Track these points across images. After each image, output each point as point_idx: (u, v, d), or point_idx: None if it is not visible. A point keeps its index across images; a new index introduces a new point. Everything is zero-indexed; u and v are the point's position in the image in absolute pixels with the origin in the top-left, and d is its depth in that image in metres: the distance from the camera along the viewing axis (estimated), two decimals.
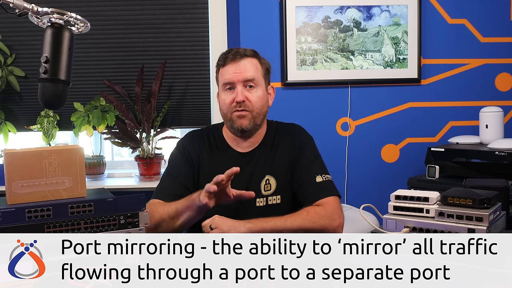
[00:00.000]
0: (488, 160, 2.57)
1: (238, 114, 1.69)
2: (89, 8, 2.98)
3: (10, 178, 1.28)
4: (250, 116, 1.70)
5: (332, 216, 1.61)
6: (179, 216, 1.55)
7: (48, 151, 1.32)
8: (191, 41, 3.06)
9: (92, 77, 3.04)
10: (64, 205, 1.28)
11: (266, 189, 1.75)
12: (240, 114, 1.69)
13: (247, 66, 1.70)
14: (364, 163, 3.05)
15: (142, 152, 2.94)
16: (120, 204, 1.33)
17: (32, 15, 1.29)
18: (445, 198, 1.24)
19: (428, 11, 3.02)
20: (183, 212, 1.54)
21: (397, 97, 3.05)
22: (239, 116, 1.69)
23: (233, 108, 1.70)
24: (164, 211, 1.57)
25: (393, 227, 1.27)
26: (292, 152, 1.77)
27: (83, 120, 2.90)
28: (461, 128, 3.07)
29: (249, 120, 1.70)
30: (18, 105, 3.04)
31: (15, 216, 1.24)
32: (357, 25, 2.98)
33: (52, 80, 1.27)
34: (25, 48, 3.00)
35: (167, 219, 1.56)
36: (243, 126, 1.70)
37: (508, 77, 3.10)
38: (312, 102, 3.01)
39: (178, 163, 1.76)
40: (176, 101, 3.09)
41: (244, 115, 1.69)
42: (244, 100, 1.68)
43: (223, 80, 1.72)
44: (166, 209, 1.57)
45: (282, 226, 1.57)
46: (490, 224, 1.17)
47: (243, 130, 1.71)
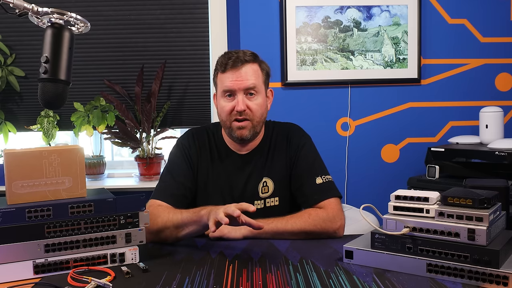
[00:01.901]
0: (488, 160, 2.57)
1: (238, 125, 1.67)
2: (89, 8, 2.98)
3: (10, 178, 1.28)
4: (250, 125, 1.68)
5: (333, 219, 1.60)
6: (184, 227, 1.51)
7: (48, 151, 1.32)
8: (191, 41, 3.06)
9: (92, 77, 3.04)
10: (64, 205, 1.28)
11: (264, 191, 1.74)
12: (240, 125, 1.67)
13: (248, 73, 1.67)
14: (364, 163, 3.05)
15: (142, 152, 2.94)
16: (120, 204, 1.33)
17: (32, 15, 1.29)
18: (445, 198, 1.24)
19: (428, 11, 3.02)
20: (189, 224, 1.51)
21: (397, 97, 3.06)
22: (239, 127, 1.67)
23: (232, 117, 1.68)
24: (169, 219, 1.53)
25: (393, 227, 1.27)
26: (289, 153, 1.76)
27: (83, 120, 2.90)
28: (461, 128, 3.07)
29: (249, 130, 1.68)
30: (18, 105, 3.04)
31: (15, 216, 1.24)
32: (357, 25, 2.98)
33: (52, 80, 1.27)
34: (25, 48, 3.00)
35: (171, 227, 1.53)
36: (243, 136, 1.68)
37: (508, 77, 3.10)
38: (312, 102, 3.01)
39: (178, 162, 1.75)
40: (176, 101, 3.09)
41: (245, 126, 1.67)
42: (245, 109, 1.66)
43: (223, 86, 1.69)
44: (171, 218, 1.53)
45: (283, 228, 1.57)
46: (490, 224, 1.17)
47: (243, 139, 1.70)
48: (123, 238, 1.33)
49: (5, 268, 1.22)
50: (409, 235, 1.25)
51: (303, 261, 1.35)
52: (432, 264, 1.21)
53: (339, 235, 1.61)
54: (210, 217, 1.39)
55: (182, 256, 1.42)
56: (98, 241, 1.31)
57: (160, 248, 1.49)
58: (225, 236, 1.56)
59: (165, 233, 1.54)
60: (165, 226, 1.53)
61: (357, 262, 1.31)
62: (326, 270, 1.28)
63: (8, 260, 1.22)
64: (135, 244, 1.35)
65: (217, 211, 1.37)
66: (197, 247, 1.51)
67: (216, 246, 1.51)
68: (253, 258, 1.38)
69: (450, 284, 1.17)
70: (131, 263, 1.34)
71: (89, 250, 1.30)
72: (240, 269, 1.29)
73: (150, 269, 1.29)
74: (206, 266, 1.32)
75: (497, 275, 1.13)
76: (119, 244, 1.33)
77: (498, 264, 1.13)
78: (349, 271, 1.27)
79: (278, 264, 1.33)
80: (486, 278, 1.14)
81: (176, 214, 1.54)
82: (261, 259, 1.37)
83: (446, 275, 1.19)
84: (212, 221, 1.37)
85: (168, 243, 1.54)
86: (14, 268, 1.23)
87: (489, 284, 1.13)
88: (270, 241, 1.54)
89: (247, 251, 1.45)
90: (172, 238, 1.54)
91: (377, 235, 1.29)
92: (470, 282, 1.16)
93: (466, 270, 1.16)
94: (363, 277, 1.22)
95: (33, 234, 1.25)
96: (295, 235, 1.57)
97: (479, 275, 1.15)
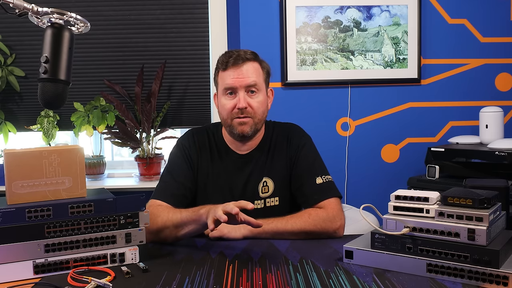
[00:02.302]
0: (488, 160, 2.57)
1: (239, 121, 1.68)
2: (89, 8, 2.98)
3: (10, 178, 1.28)
4: (251, 122, 1.69)
5: (333, 219, 1.60)
6: (183, 226, 1.52)
7: (48, 151, 1.32)
8: (191, 41, 3.06)
9: (92, 77, 3.04)
10: (64, 205, 1.28)
11: (264, 191, 1.75)
12: (241, 121, 1.67)
13: (249, 71, 1.68)
14: (364, 163, 3.05)
15: (142, 152, 2.94)
16: (120, 204, 1.33)
17: (32, 15, 1.29)
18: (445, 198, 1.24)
19: (428, 11, 3.02)
20: (188, 223, 1.51)
21: (397, 97, 3.05)
22: (240, 123, 1.68)
23: (234, 115, 1.68)
24: (169, 219, 1.53)
25: (393, 227, 1.27)
26: (289, 153, 1.77)
27: (83, 120, 2.90)
28: (461, 128, 3.07)
29: (250, 127, 1.69)
30: (18, 105, 3.04)
31: (15, 216, 1.24)
32: (357, 25, 2.98)
33: (52, 80, 1.27)
34: (25, 48, 3.00)
35: (170, 227, 1.53)
36: (244, 132, 1.69)
37: (508, 77, 3.10)
38: (312, 102, 3.01)
39: (178, 162, 1.75)
40: (176, 101, 3.09)
41: (246, 122, 1.68)
42: (246, 107, 1.67)
43: (224, 84, 1.69)
44: (170, 217, 1.53)
45: (283, 228, 1.57)
46: (490, 224, 1.17)
47: (244, 136, 1.71)
48: (123, 238, 1.33)
49: (5, 268, 1.22)
50: (409, 235, 1.25)
51: (303, 261, 1.35)
52: (432, 264, 1.21)
53: (339, 235, 1.61)
54: (209, 215, 1.39)
55: (182, 256, 1.42)
56: (98, 241, 1.31)
57: (160, 248, 1.49)
58: (225, 236, 1.56)
59: (164, 233, 1.54)
60: (165, 225, 1.53)
61: (357, 262, 1.31)
62: (326, 270, 1.28)
63: (8, 260, 1.22)
64: (135, 244, 1.35)
65: (215, 210, 1.37)
66: (197, 247, 1.51)
67: (216, 246, 1.51)
68: (253, 258, 1.38)
69: (450, 284, 1.17)
70: (131, 263, 1.34)
71: (89, 250, 1.30)
72: (240, 269, 1.29)
73: (150, 269, 1.29)
74: (206, 266, 1.32)
75: (497, 275, 1.13)
76: (119, 244, 1.33)
77: (498, 264, 1.13)
78: (349, 271, 1.27)
79: (278, 264, 1.33)
80: (486, 278, 1.14)
81: (175, 213, 1.54)
82: (261, 259, 1.37)
83: (446, 275, 1.19)
84: (211, 219, 1.37)
85: (168, 243, 1.54)
86: (14, 268, 1.23)
87: (489, 284, 1.13)
88: (270, 241, 1.54)
89: (247, 251, 1.45)
90: (172, 237, 1.54)
91: (377, 235, 1.29)
92: (470, 282, 1.16)
93: (466, 270, 1.16)
94: (363, 277, 1.22)
95: (33, 234, 1.25)
96: (295, 235, 1.57)
97: (479, 275, 1.15)
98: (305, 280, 1.21)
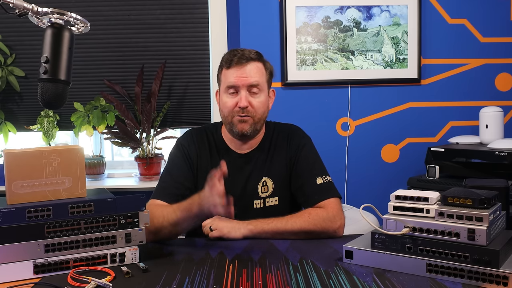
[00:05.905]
0: (488, 160, 2.57)
1: (240, 119, 1.68)
2: (89, 8, 2.98)
3: (10, 178, 1.28)
4: (252, 121, 1.69)
5: (333, 219, 1.61)
6: (179, 223, 1.53)
7: (48, 151, 1.32)
8: (191, 41, 3.06)
9: (92, 77, 3.04)
10: (64, 205, 1.28)
11: (264, 191, 1.75)
12: (242, 119, 1.68)
13: (252, 70, 1.68)
14: (364, 163, 3.05)
15: (142, 152, 2.94)
16: (120, 204, 1.33)
17: (32, 15, 1.29)
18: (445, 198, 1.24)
19: (428, 11, 3.02)
20: (183, 221, 1.52)
21: (397, 97, 3.06)
22: (240, 121, 1.68)
23: (235, 113, 1.69)
24: (164, 219, 1.54)
25: (393, 227, 1.27)
26: (289, 154, 1.77)
27: (83, 120, 2.90)
28: (461, 128, 3.07)
29: (250, 125, 1.69)
30: (18, 105, 3.04)
31: (15, 216, 1.24)
32: (357, 25, 2.98)
33: (52, 80, 1.27)
34: (25, 48, 3.00)
35: (167, 226, 1.53)
36: (244, 131, 1.69)
37: (508, 77, 3.10)
38: (312, 102, 3.01)
39: (178, 162, 1.75)
40: (176, 101, 3.09)
41: (246, 120, 1.68)
42: (247, 106, 1.67)
43: (227, 82, 1.70)
44: (166, 217, 1.54)
45: (283, 228, 1.57)
46: (490, 224, 1.17)
47: (244, 135, 1.71)
48: (123, 238, 1.33)
49: (5, 268, 1.22)
50: (409, 235, 1.25)
51: (303, 261, 1.35)
52: (432, 264, 1.21)
53: (339, 235, 1.61)
54: (206, 206, 1.43)
55: (182, 256, 1.42)
56: (98, 241, 1.31)
57: (160, 248, 1.49)
58: (225, 236, 1.56)
59: (163, 232, 1.54)
60: (162, 225, 1.54)
61: (357, 262, 1.31)
62: (326, 270, 1.28)
63: (8, 260, 1.22)
64: (135, 244, 1.35)
65: (208, 199, 1.41)
66: (197, 247, 1.51)
67: (216, 246, 1.51)
68: (253, 258, 1.38)
69: (450, 284, 1.17)
70: (131, 263, 1.34)
71: (89, 250, 1.30)
72: (240, 269, 1.29)
73: (150, 269, 1.29)
74: (206, 266, 1.32)
75: (497, 275, 1.13)
76: (119, 244, 1.33)
77: (498, 264, 1.13)
78: (349, 271, 1.27)
79: (278, 264, 1.33)
80: (486, 278, 1.14)
81: (170, 213, 1.54)
82: (261, 259, 1.37)
83: (446, 275, 1.19)
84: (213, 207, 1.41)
85: (168, 242, 1.55)
86: (14, 268, 1.23)
87: (489, 284, 1.13)
88: (270, 241, 1.54)
89: (247, 251, 1.45)
90: (171, 235, 1.55)
91: (377, 235, 1.29)
92: (470, 282, 1.16)
93: (466, 270, 1.16)
94: (363, 277, 1.22)
95: (33, 234, 1.25)
96: (295, 235, 1.57)
97: (479, 275, 1.15)
98: (305, 280, 1.21)
